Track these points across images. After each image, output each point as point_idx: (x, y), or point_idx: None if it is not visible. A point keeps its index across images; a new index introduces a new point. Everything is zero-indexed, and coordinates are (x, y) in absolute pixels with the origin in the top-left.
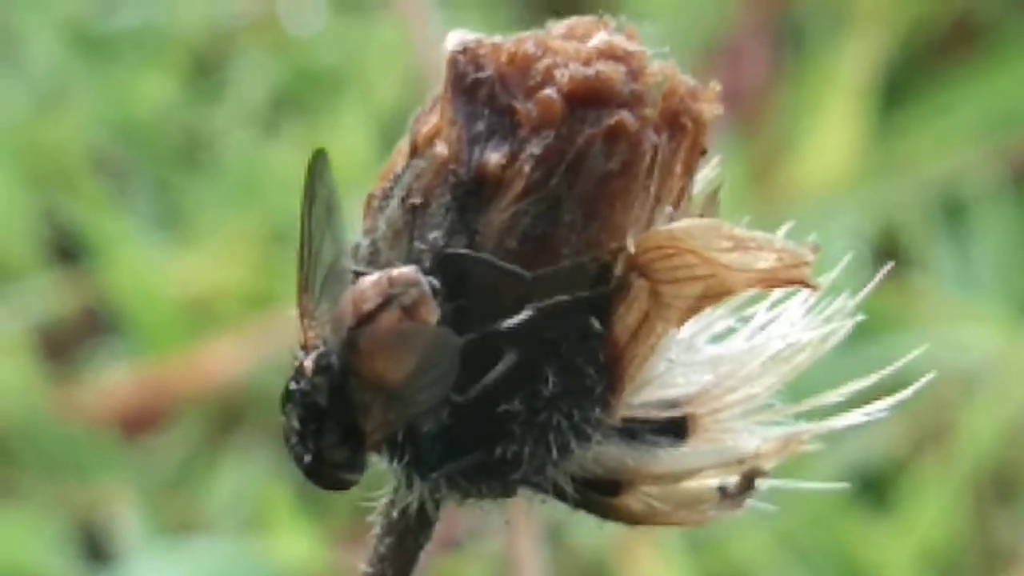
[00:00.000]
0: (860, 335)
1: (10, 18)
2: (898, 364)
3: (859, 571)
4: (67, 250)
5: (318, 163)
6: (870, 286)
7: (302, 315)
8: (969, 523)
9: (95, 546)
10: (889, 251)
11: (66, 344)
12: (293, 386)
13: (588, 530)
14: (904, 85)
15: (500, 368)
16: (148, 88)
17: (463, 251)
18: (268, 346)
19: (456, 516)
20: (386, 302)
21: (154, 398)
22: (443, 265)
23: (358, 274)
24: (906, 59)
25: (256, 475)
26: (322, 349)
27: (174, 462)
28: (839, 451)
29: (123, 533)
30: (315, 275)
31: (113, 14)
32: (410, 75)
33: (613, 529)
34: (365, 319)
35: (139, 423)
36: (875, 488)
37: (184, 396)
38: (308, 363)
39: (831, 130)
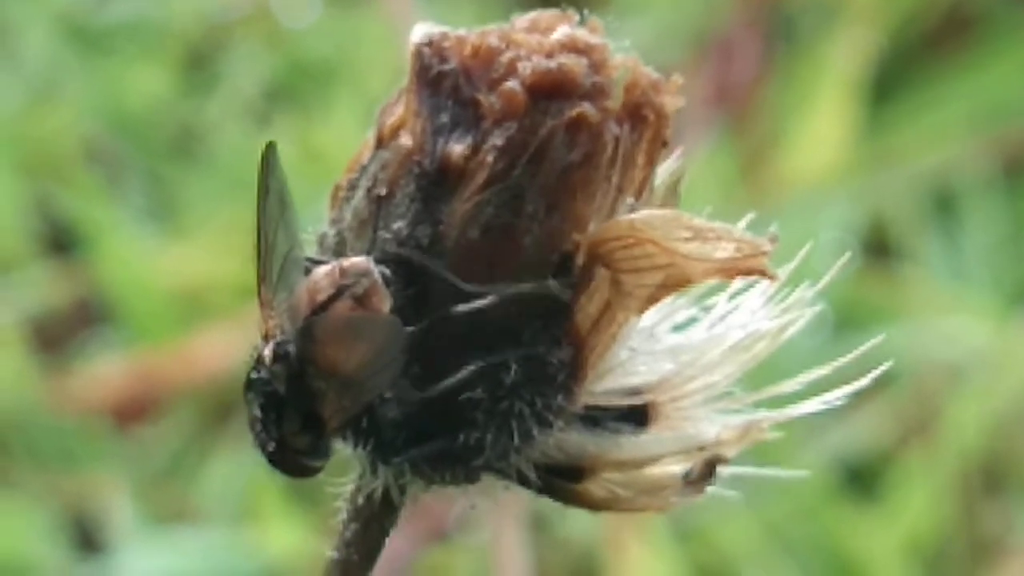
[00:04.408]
0: (850, 326)
1: (4, 10)
2: (887, 355)
3: (846, 562)
4: (60, 241)
5: (269, 157)
6: (830, 276)
7: (261, 305)
8: (956, 514)
9: (87, 536)
10: (879, 244)
11: (58, 335)
12: (253, 375)
13: (577, 522)
14: (895, 79)
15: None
16: (141, 80)
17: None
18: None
19: (445, 508)
20: (338, 292)
21: (146, 389)
22: (401, 260)
23: (315, 263)
24: (897, 53)
25: (247, 466)
26: (279, 338)
27: (166, 452)
28: (826, 441)
29: (115, 523)
30: (271, 266)
31: (107, 6)
32: (401, 69)
33: (602, 521)
34: (319, 309)
35: (131, 413)
36: (862, 479)
37: (176, 387)
38: (266, 352)
39: (822, 124)
